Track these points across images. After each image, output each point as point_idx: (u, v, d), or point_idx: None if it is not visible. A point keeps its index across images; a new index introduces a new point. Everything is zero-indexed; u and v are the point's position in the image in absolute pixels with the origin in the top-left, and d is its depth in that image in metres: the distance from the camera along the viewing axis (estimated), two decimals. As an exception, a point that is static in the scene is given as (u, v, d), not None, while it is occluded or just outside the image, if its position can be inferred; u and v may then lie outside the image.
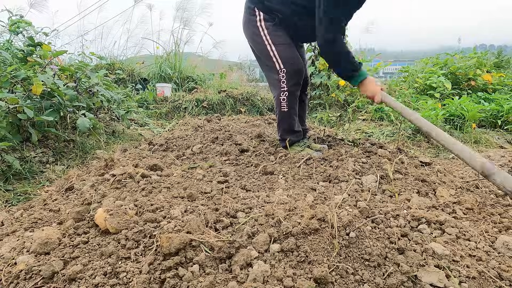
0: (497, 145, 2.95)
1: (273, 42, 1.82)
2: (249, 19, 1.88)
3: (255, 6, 1.84)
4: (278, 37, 1.83)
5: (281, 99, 1.90)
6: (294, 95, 1.93)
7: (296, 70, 1.87)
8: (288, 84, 1.87)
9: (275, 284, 0.91)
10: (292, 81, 1.87)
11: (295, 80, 1.88)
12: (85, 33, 6.41)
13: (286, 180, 1.67)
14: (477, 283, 0.94)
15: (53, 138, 2.57)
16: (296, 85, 1.91)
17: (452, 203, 1.39)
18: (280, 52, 1.83)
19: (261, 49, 1.87)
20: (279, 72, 1.85)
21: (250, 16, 1.87)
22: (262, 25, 1.82)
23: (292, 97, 1.91)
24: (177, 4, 6.42)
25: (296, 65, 1.86)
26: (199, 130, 3.02)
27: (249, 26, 1.89)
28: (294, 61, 1.86)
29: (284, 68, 1.84)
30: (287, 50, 1.85)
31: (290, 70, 1.85)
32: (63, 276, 0.94)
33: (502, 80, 4.38)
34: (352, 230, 1.10)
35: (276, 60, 1.84)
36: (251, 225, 1.14)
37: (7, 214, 1.48)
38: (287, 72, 1.84)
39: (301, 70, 1.90)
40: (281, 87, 1.88)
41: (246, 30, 1.95)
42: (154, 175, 1.70)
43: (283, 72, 1.84)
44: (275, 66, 1.85)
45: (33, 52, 2.65)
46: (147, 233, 1.09)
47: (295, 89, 1.91)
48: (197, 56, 7.00)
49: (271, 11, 1.81)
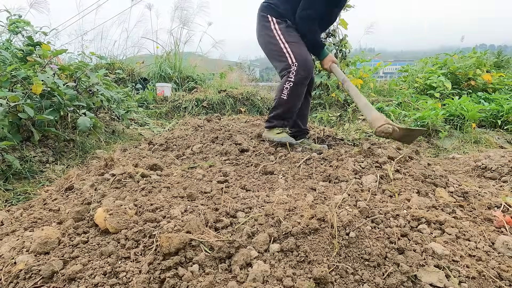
0: (497, 145, 2.95)
1: (286, 40, 2.06)
2: (264, 25, 2.13)
3: (268, 13, 2.12)
4: (290, 36, 2.07)
5: (285, 87, 2.06)
6: (297, 89, 2.07)
7: (306, 65, 2.04)
8: (296, 77, 2.03)
9: (274, 284, 0.91)
10: (300, 74, 2.04)
11: (303, 74, 2.04)
12: (84, 33, 6.41)
13: (286, 180, 1.67)
14: (477, 283, 0.94)
15: (53, 137, 2.57)
16: (303, 79, 2.06)
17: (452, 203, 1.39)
18: (293, 48, 2.05)
19: (276, 48, 2.08)
20: (291, 65, 2.04)
21: (264, 23, 2.13)
22: (275, 27, 2.09)
23: (295, 89, 2.06)
24: (175, 3, 6.42)
25: (306, 60, 2.05)
26: (199, 130, 3.02)
27: (264, 31, 2.14)
28: (304, 57, 2.06)
29: (296, 62, 2.03)
30: (299, 47, 2.07)
31: (301, 64, 2.03)
32: (62, 275, 0.94)
33: (502, 80, 4.38)
34: (352, 230, 1.10)
35: (289, 55, 2.04)
36: (251, 225, 1.14)
37: (7, 214, 1.48)
38: (298, 66, 2.02)
39: (310, 65, 2.08)
40: (289, 77, 2.04)
41: (261, 37, 2.20)
42: (154, 175, 1.70)
43: (294, 66, 2.03)
44: (288, 60, 2.04)
45: (32, 51, 2.65)
46: (147, 233, 1.09)
47: (301, 82, 2.06)
48: (196, 56, 7.00)
49: (282, 16, 2.10)
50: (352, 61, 4.93)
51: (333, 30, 4.56)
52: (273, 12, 2.11)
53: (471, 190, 1.62)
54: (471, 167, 2.21)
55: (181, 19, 6.35)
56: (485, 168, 2.14)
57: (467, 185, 1.72)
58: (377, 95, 4.92)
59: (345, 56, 4.66)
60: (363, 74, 4.84)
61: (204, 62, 7.10)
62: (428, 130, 3.11)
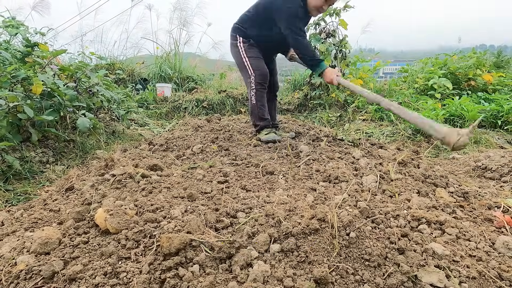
0: (497, 145, 2.95)
1: (247, 55, 2.60)
2: (232, 43, 2.68)
3: (237, 34, 2.64)
4: (250, 53, 2.61)
5: (251, 94, 2.61)
6: (261, 93, 2.60)
7: (262, 75, 2.57)
8: (255, 84, 2.57)
9: (275, 284, 0.91)
10: (257, 81, 2.56)
11: (259, 80, 2.57)
12: (84, 34, 6.41)
13: (286, 180, 1.67)
14: (477, 283, 0.94)
15: (53, 138, 2.57)
16: (262, 85, 2.59)
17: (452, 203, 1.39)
18: (251, 62, 2.58)
19: (240, 61, 2.64)
20: (250, 76, 2.58)
21: (233, 41, 2.67)
22: (240, 45, 2.62)
23: (259, 93, 2.59)
24: (174, 4, 6.42)
25: (262, 72, 2.57)
26: (199, 130, 3.02)
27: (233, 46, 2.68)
28: (260, 69, 2.58)
29: (254, 73, 2.56)
30: (256, 61, 2.60)
31: (258, 74, 2.56)
32: (63, 276, 0.94)
33: (502, 80, 4.37)
34: (352, 230, 1.10)
35: (248, 68, 2.58)
36: (251, 225, 1.14)
37: (7, 214, 1.48)
38: (255, 76, 2.56)
39: (266, 75, 2.60)
40: (251, 87, 2.59)
41: (231, 50, 2.73)
42: (154, 175, 1.70)
43: (253, 76, 2.57)
44: (248, 72, 2.59)
45: (30, 52, 2.64)
46: (147, 233, 1.09)
47: (261, 88, 2.60)
48: (196, 56, 7.00)
49: (247, 37, 2.62)
50: (352, 61, 4.93)
51: (333, 30, 4.56)
52: (241, 33, 2.62)
53: (471, 190, 1.62)
54: (471, 167, 2.21)
55: (180, 20, 6.35)
56: (485, 168, 2.14)
57: (467, 185, 1.72)
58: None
59: (345, 57, 4.66)
60: (363, 74, 4.84)
61: (203, 62, 7.10)
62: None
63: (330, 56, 4.53)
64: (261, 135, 2.57)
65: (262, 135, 2.57)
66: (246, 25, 2.62)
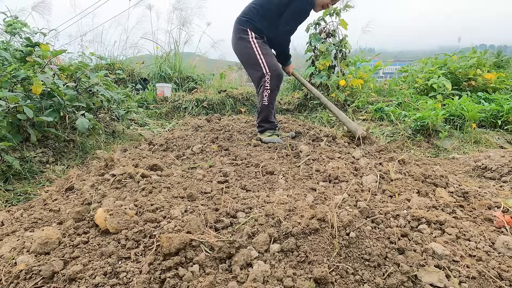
0: (497, 145, 2.95)
1: (262, 53, 2.44)
2: (242, 37, 2.49)
3: (248, 27, 2.47)
4: (265, 49, 2.47)
5: (264, 95, 2.49)
6: (274, 94, 2.52)
7: (278, 75, 2.48)
8: (271, 84, 2.46)
9: (275, 284, 0.91)
10: (274, 82, 2.47)
11: (276, 82, 2.48)
12: (84, 34, 6.40)
13: (286, 180, 1.67)
14: (477, 283, 0.94)
15: (53, 138, 2.57)
16: (277, 85, 2.51)
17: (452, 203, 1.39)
18: (267, 60, 2.44)
19: (253, 59, 2.46)
20: (265, 74, 2.44)
21: (242, 35, 2.48)
22: (254, 41, 2.45)
23: (273, 94, 2.50)
24: (173, 4, 6.40)
25: (278, 71, 2.48)
26: (199, 130, 3.02)
27: (242, 41, 2.49)
28: (276, 67, 2.48)
29: (270, 72, 2.43)
30: (272, 59, 2.50)
31: (274, 74, 2.45)
32: (63, 276, 0.94)
33: (502, 80, 4.37)
34: (352, 230, 1.10)
35: (263, 66, 2.43)
36: (251, 225, 1.14)
37: (7, 214, 1.48)
38: (271, 75, 2.43)
39: (282, 75, 2.53)
40: (265, 86, 2.46)
41: (238, 44, 2.54)
42: (154, 175, 1.70)
43: (268, 75, 2.43)
44: (263, 70, 2.44)
45: (31, 52, 2.64)
46: (147, 233, 1.09)
47: (276, 89, 2.51)
48: (196, 56, 7.00)
49: (260, 32, 2.49)
50: (352, 61, 4.93)
51: (333, 30, 4.56)
52: (252, 27, 2.47)
53: (471, 190, 1.62)
54: (471, 167, 2.21)
55: (180, 19, 6.35)
56: (485, 168, 2.14)
57: (467, 185, 1.72)
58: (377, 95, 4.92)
59: (345, 56, 4.65)
60: (363, 74, 4.84)
61: (203, 62, 7.09)
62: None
63: (330, 56, 4.53)
64: (264, 136, 2.56)
65: (264, 136, 2.56)
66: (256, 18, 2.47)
